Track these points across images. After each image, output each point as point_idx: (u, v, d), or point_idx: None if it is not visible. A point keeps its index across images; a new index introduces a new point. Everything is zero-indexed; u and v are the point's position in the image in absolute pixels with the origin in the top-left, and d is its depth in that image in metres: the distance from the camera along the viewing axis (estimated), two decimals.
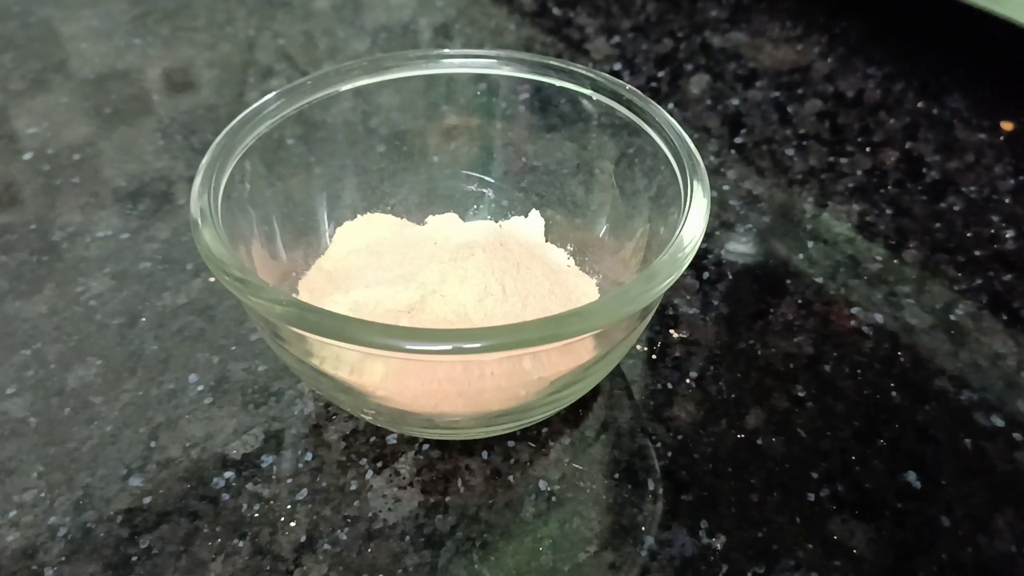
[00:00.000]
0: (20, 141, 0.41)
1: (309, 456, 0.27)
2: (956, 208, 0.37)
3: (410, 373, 0.23)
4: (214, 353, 0.30)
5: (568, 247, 0.31)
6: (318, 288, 0.28)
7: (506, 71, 0.30)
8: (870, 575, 0.24)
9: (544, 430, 0.27)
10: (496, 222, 0.32)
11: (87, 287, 0.33)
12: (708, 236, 0.35)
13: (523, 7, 0.53)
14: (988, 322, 0.32)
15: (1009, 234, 0.36)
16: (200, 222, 0.23)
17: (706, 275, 0.33)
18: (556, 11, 0.53)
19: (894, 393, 0.29)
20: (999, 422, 0.28)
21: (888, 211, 0.37)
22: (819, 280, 0.33)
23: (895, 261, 0.34)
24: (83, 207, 0.37)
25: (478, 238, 0.28)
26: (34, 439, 0.27)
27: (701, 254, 0.34)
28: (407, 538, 0.25)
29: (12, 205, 0.37)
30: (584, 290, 0.29)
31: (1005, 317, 0.32)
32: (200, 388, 0.29)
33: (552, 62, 0.30)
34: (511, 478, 0.26)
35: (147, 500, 0.25)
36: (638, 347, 0.30)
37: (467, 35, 0.50)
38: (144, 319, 0.31)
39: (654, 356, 0.30)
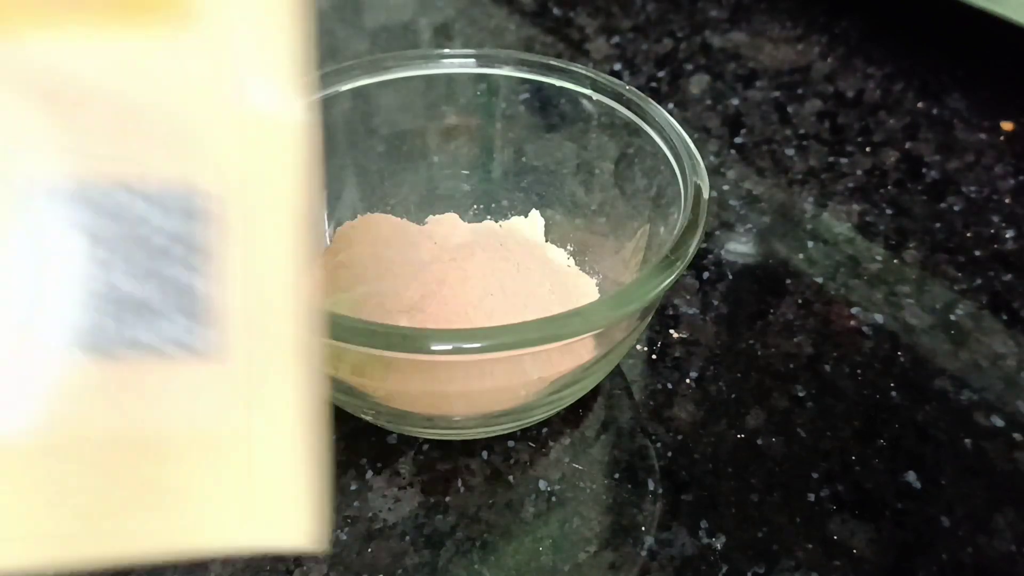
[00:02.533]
0: None
1: None
2: (956, 208, 0.37)
3: (410, 373, 0.23)
4: None
5: (568, 247, 0.31)
6: (318, 288, 0.28)
7: (506, 71, 0.30)
8: (870, 575, 0.24)
9: (544, 430, 0.27)
10: (496, 222, 0.32)
11: None
12: (708, 236, 0.35)
13: (523, 7, 0.53)
14: (988, 322, 0.32)
15: (1009, 234, 0.36)
16: None
17: (706, 275, 0.33)
18: (556, 11, 0.53)
19: (894, 393, 0.29)
20: (999, 422, 0.28)
21: (888, 211, 0.37)
22: (819, 280, 0.33)
23: (895, 261, 0.34)
24: None
25: (478, 238, 0.28)
26: None
27: (701, 254, 0.34)
28: (407, 538, 0.25)
29: None
30: (584, 290, 0.29)
31: (1005, 317, 0.32)
32: None
33: (552, 62, 0.30)
34: (511, 478, 0.26)
35: None
36: (638, 347, 0.30)
37: (467, 35, 0.50)
38: None
39: (654, 356, 0.30)
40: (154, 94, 0.15)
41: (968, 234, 0.36)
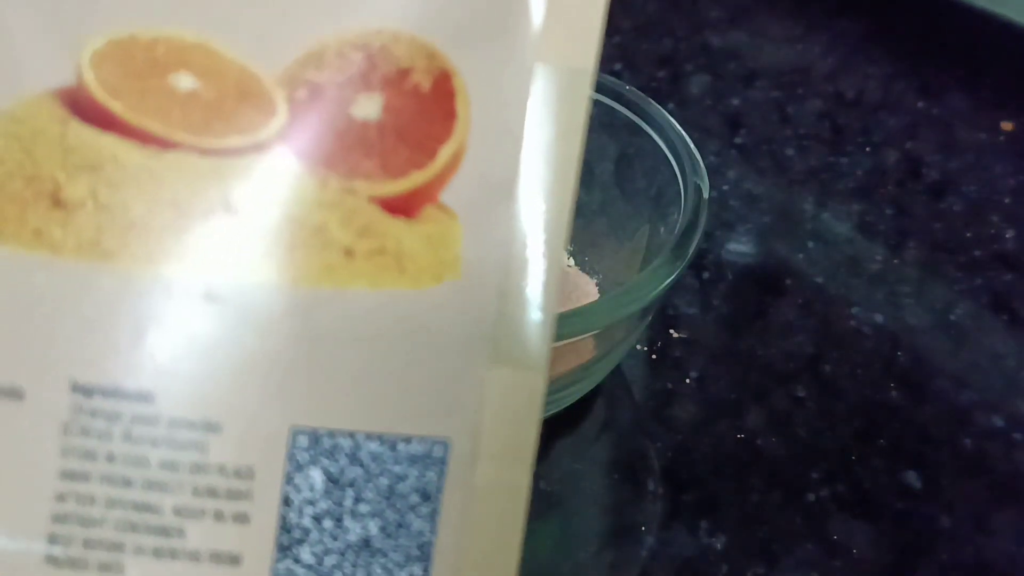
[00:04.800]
0: None
1: None
2: (956, 208, 0.37)
3: None
4: None
5: (568, 247, 0.31)
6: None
7: None
8: (870, 575, 0.24)
9: (544, 430, 0.27)
10: None
11: None
12: (708, 236, 0.35)
13: None
14: (988, 322, 0.32)
15: (1009, 234, 0.36)
16: None
17: (706, 275, 0.33)
18: None
19: (894, 393, 0.29)
20: (999, 422, 0.28)
21: (888, 211, 0.37)
22: (819, 280, 0.33)
23: (895, 261, 0.34)
24: None
25: None
26: None
27: (701, 254, 0.34)
28: None
29: None
30: (584, 290, 0.29)
31: (1005, 317, 0.32)
32: None
33: None
34: None
35: None
36: (638, 347, 0.30)
37: None
38: None
39: (654, 356, 0.30)
40: (408, 340, 0.15)
41: (968, 234, 0.36)
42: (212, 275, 0.15)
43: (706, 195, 0.24)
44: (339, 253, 0.15)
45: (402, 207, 0.16)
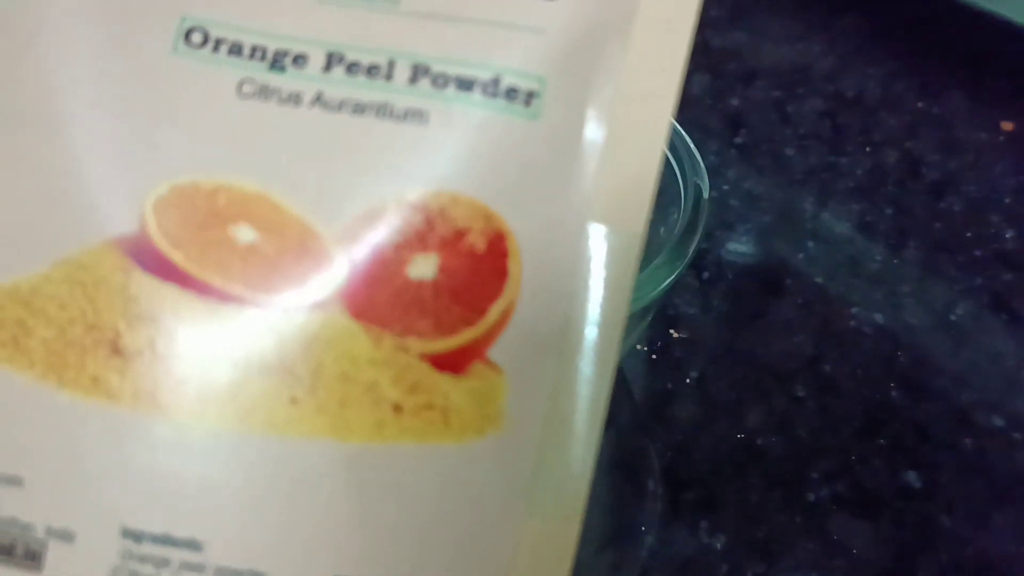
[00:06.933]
0: None
1: None
2: (956, 208, 0.37)
3: None
4: None
5: None
6: None
7: None
8: (870, 575, 0.24)
9: None
10: None
11: None
12: (708, 236, 0.35)
13: None
14: (988, 322, 0.32)
15: (1009, 234, 0.36)
16: None
17: (706, 275, 0.33)
18: None
19: (894, 393, 0.29)
20: (999, 422, 0.28)
21: (888, 211, 0.37)
22: (819, 280, 0.33)
23: (895, 261, 0.34)
24: None
25: None
26: None
27: (701, 254, 0.34)
28: None
29: None
30: None
31: (1005, 317, 0.32)
32: None
33: None
34: None
35: None
36: (638, 347, 0.30)
37: None
38: None
39: (654, 356, 0.30)
40: (448, 493, 0.15)
41: (968, 234, 0.36)
42: (264, 430, 0.15)
43: (706, 195, 0.24)
44: (389, 409, 0.15)
45: (451, 363, 0.16)
